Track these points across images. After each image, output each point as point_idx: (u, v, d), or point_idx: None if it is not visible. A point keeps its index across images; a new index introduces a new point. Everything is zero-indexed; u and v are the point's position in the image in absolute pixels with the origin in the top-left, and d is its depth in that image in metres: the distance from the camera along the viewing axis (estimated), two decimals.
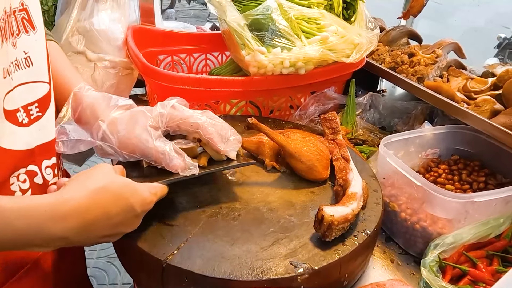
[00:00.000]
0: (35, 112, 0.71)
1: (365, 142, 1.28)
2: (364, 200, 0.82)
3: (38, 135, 0.71)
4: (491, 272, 0.81)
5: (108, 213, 0.64)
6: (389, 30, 1.55)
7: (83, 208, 0.61)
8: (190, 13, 7.27)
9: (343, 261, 0.72)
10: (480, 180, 1.03)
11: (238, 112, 1.26)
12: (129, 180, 0.69)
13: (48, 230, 0.58)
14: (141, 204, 0.68)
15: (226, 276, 0.67)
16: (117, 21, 1.33)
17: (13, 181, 0.68)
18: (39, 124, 0.71)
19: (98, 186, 0.64)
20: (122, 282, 2.33)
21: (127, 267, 0.79)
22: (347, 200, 0.78)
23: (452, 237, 0.81)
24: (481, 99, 1.10)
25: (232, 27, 1.17)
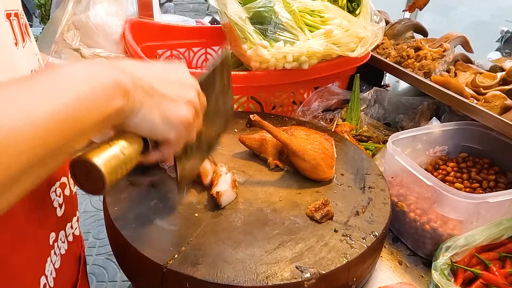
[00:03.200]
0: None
1: (369, 138, 1.25)
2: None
3: None
4: (504, 275, 0.78)
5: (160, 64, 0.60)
6: (394, 23, 1.51)
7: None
8: (189, 6, 7.20)
9: (351, 264, 0.69)
10: (490, 179, 0.99)
11: (240, 108, 1.23)
12: None
13: (117, 65, 0.51)
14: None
15: (229, 281, 0.63)
16: (114, 15, 1.29)
17: (54, 197, 0.65)
18: None
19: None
20: (121, 279, 2.30)
21: (126, 272, 0.76)
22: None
23: (464, 239, 0.78)
24: (491, 94, 1.07)
25: (233, 20, 1.13)
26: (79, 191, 0.63)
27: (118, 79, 0.47)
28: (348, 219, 0.78)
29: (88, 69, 0.47)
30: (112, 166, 0.48)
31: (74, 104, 0.42)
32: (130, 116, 0.51)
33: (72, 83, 0.43)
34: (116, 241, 0.73)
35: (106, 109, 0.46)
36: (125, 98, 0.48)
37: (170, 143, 0.57)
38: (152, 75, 0.54)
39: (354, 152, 1.01)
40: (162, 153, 0.59)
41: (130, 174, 0.83)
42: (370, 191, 0.87)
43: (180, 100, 0.56)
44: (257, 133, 0.96)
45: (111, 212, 0.75)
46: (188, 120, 0.57)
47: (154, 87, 0.53)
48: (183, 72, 0.60)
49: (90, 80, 0.45)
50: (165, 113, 0.54)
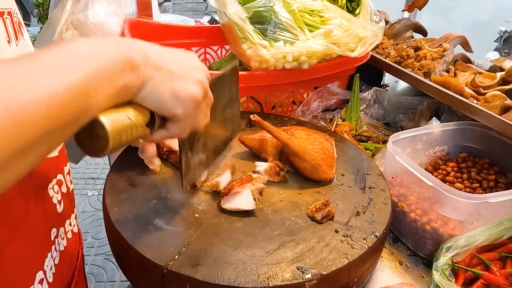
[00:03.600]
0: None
1: (369, 138, 1.25)
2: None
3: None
4: (505, 276, 0.78)
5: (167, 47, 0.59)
6: (393, 23, 1.50)
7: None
8: (187, 6, 7.19)
9: (352, 265, 0.69)
10: (490, 179, 0.99)
11: (239, 108, 1.22)
12: None
13: (126, 41, 0.53)
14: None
15: (230, 282, 0.63)
16: (113, 14, 1.28)
17: (52, 194, 0.65)
18: None
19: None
20: (120, 279, 2.30)
21: (126, 273, 0.76)
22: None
23: (465, 239, 0.78)
24: (491, 94, 1.07)
25: (233, 20, 1.13)
26: (75, 190, 0.63)
27: (128, 54, 0.48)
28: (348, 219, 0.78)
29: (100, 44, 0.47)
30: (117, 127, 0.49)
31: (87, 78, 0.42)
32: (139, 90, 0.51)
33: (86, 57, 0.44)
34: (116, 242, 0.73)
35: (116, 83, 0.46)
36: (135, 72, 0.48)
37: (177, 120, 0.56)
38: (163, 55, 0.54)
39: (354, 152, 1.01)
40: (168, 131, 0.58)
41: (130, 174, 0.84)
42: (370, 191, 0.86)
43: (190, 78, 0.56)
44: (257, 133, 0.95)
45: (111, 213, 0.75)
46: (198, 98, 0.56)
47: (164, 64, 0.53)
48: (192, 57, 0.60)
49: (102, 55, 0.45)
50: (174, 88, 0.54)
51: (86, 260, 2.40)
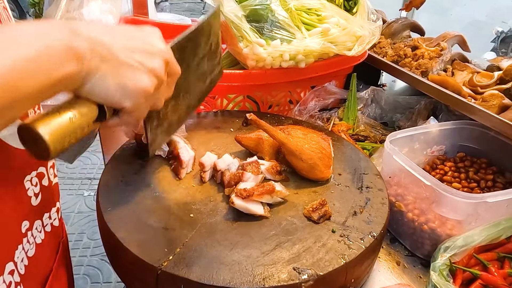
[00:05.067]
0: (37, 110, 0.67)
1: (367, 138, 1.24)
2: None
3: None
4: (503, 276, 0.78)
5: (127, 28, 0.56)
6: (391, 22, 1.50)
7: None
8: (184, 6, 7.18)
9: (349, 266, 0.68)
10: (488, 178, 0.99)
11: (236, 108, 1.21)
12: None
13: (72, 27, 0.47)
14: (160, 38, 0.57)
15: (225, 284, 0.62)
16: (108, 12, 1.27)
17: (28, 186, 0.64)
18: None
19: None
20: (116, 280, 2.28)
21: (120, 274, 0.75)
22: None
23: (463, 239, 0.77)
24: (489, 93, 1.06)
25: (229, 19, 1.12)
26: (61, 185, 0.62)
27: (70, 42, 0.44)
28: (346, 219, 0.77)
29: (38, 29, 0.43)
30: (58, 135, 0.47)
31: (16, 65, 0.39)
32: (84, 81, 0.48)
33: (18, 43, 0.40)
34: (110, 243, 0.72)
35: (54, 74, 0.43)
36: (78, 63, 0.45)
37: (128, 112, 0.54)
38: (113, 39, 0.50)
39: (351, 152, 1.00)
40: (122, 120, 0.55)
41: (123, 174, 0.83)
42: (368, 191, 0.86)
43: (141, 68, 0.52)
44: (254, 133, 0.95)
45: (105, 213, 0.73)
46: (147, 90, 0.53)
47: (113, 52, 0.49)
48: (152, 38, 0.55)
49: (38, 41, 0.42)
50: (122, 80, 0.50)
51: (81, 261, 2.39)
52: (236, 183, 0.79)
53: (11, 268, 0.59)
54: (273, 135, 0.87)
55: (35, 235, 0.67)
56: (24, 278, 0.62)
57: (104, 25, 0.52)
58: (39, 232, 0.68)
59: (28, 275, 0.63)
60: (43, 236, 0.69)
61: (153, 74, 0.53)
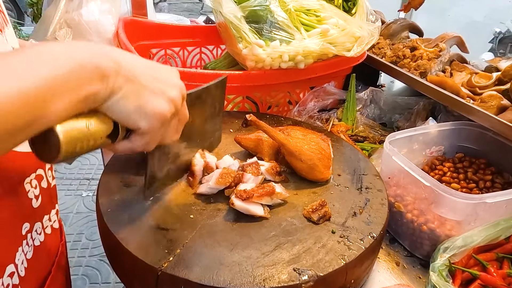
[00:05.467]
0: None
1: (366, 139, 1.24)
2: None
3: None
4: (502, 276, 0.78)
5: (150, 61, 0.59)
6: (389, 23, 1.50)
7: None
8: (182, 6, 7.18)
9: (349, 266, 0.68)
10: (486, 179, 0.99)
11: (235, 108, 1.22)
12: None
13: (100, 48, 0.50)
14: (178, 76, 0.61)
15: (225, 284, 0.62)
16: (107, 13, 1.27)
17: (28, 188, 0.64)
18: None
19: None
20: (115, 281, 2.28)
21: (120, 275, 0.74)
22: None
23: (462, 239, 0.77)
24: (487, 94, 1.07)
25: (228, 19, 1.12)
26: (59, 186, 0.62)
27: (99, 62, 0.46)
28: (345, 220, 0.77)
29: (69, 48, 0.45)
30: (72, 137, 0.47)
31: (46, 82, 0.40)
32: (107, 99, 0.50)
33: (48, 60, 0.42)
34: (110, 244, 0.72)
35: (81, 91, 0.44)
36: (104, 82, 0.47)
37: (141, 134, 0.55)
38: (138, 67, 0.53)
39: (350, 153, 1.00)
40: (132, 143, 0.56)
41: (123, 175, 0.83)
42: (367, 192, 0.86)
43: (161, 94, 0.55)
44: (253, 133, 0.95)
45: (104, 214, 0.73)
46: (165, 115, 0.55)
47: (137, 76, 0.52)
48: (172, 73, 0.59)
49: (68, 59, 0.43)
50: (142, 101, 0.52)
51: (80, 262, 2.39)
52: (236, 184, 0.79)
53: (12, 271, 0.59)
54: (272, 136, 0.87)
55: (34, 237, 0.66)
56: (23, 280, 0.62)
57: (129, 53, 0.54)
58: (39, 234, 0.68)
59: (27, 278, 0.63)
60: (43, 238, 0.69)
61: (172, 102, 0.56)
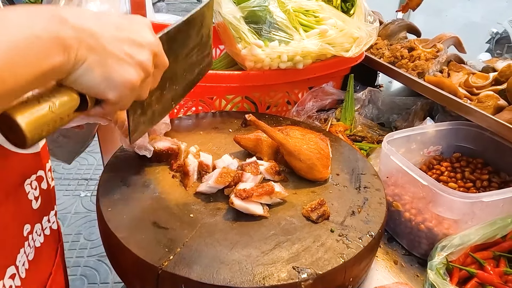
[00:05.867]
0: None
1: (364, 138, 1.25)
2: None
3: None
4: (498, 274, 0.79)
5: (116, 17, 0.54)
6: (387, 24, 1.51)
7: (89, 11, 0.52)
8: (181, 6, 7.17)
9: (348, 265, 0.69)
10: (483, 178, 1.00)
11: (234, 108, 1.22)
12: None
13: (60, 14, 0.45)
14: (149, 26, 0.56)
15: (225, 283, 0.63)
16: None
17: (28, 190, 0.64)
18: None
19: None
20: (113, 281, 2.28)
21: (120, 274, 0.75)
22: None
23: (459, 238, 0.78)
24: (484, 94, 1.08)
25: (227, 20, 1.13)
26: (58, 186, 0.61)
27: (58, 33, 0.43)
28: (344, 219, 0.78)
29: (25, 18, 0.42)
30: (36, 124, 0.46)
31: (3, 57, 0.38)
32: (70, 72, 0.46)
33: (5, 33, 0.39)
34: (110, 243, 0.72)
35: (42, 65, 0.42)
36: (65, 54, 0.44)
37: (111, 103, 0.52)
38: (101, 28, 0.49)
39: (349, 152, 1.01)
40: (104, 110, 0.54)
41: (123, 174, 0.83)
42: (365, 191, 0.87)
43: (129, 60, 0.51)
44: (252, 133, 0.95)
45: (105, 214, 0.74)
46: (133, 83, 0.52)
47: (101, 42, 0.48)
48: (142, 29, 0.54)
49: (26, 32, 0.40)
50: (108, 72, 0.49)
51: (78, 262, 2.39)
52: (235, 184, 0.80)
53: (12, 272, 0.59)
54: (271, 135, 0.87)
55: (35, 239, 0.67)
56: (24, 282, 0.62)
57: (92, 12, 0.51)
58: (39, 236, 0.68)
59: (28, 279, 0.63)
60: (42, 239, 0.69)
61: (141, 67, 0.52)
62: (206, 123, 1.08)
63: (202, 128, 1.05)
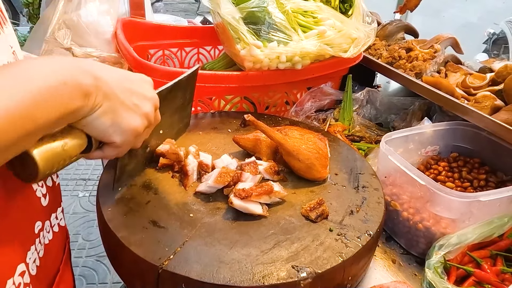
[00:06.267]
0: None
1: (362, 138, 1.26)
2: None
3: None
4: (495, 273, 0.80)
5: (125, 71, 0.61)
6: (385, 25, 1.52)
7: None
8: (179, 6, 7.17)
9: (346, 264, 0.70)
10: (480, 178, 1.01)
11: (233, 109, 1.23)
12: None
13: (79, 64, 0.51)
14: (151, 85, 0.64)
15: (225, 282, 0.63)
16: (106, 14, 1.28)
17: (36, 187, 0.66)
18: None
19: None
20: (112, 281, 2.28)
21: (120, 273, 0.75)
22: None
23: (457, 237, 0.79)
24: (481, 95, 1.08)
25: (227, 20, 1.13)
26: (66, 191, 0.63)
27: (80, 80, 0.48)
28: (343, 218, 0.79)
29: (51, 66, 0.47)
30: (48, 159, 0.50)
31: (32, 101, 0.42)
32: (86, 116, 0.52)
33: (33, 80, 0.43)
34: (110, 243, 0.73)
35: (64, 109, 0.47)
36: (86, 99, 0.49)
37: (114, 147, 0.58)
38: (116, 80, 0.55)
39: (347, 152, 1.02)
40: (105, 153, 0.59)
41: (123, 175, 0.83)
42: (364, 191, 0.87)
43: (136, 110, 0.58)
44: (251, 133, 0.96)
45: (105, 213, 0.74)
46: (138, 131, 0.59)
47: (115, 91, 0.54)
48: (146, 85, 0.62)
49: (52, 78, 0.45)
50: (118, 118, 0.55)
51: (77, 262, 2.38)
52: (235, 183, 0.80)
53: (22, 270, 0.59)
54: (270, 135, 0.88)
55: (45, 236, 0.67)
56: (34, 279, 0.62)
57: (104, 64, 0.57)
58: (48, 233, 0.69)
59: (38, 276, 0.63)
60: (51, 236, 0.70)
61: (145, 117, 0.60)
62: (205, 123, 1.08)
63: (201, 128, 1.05)
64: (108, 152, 0.59)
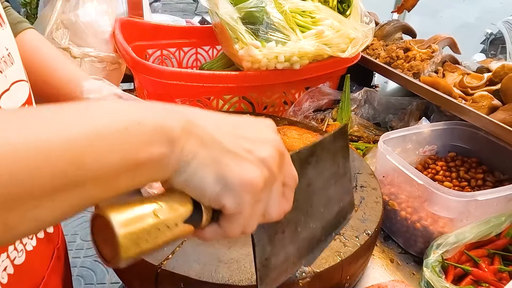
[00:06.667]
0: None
1: (360, 138, 1.26)
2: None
3: None
4: (493, 272, 0.80)
5: (232, 115, 0.45)
6: (383, 25, 1.52)
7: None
8: (177, 6, 7.17)
9: (345, 263, 0.70)
10: (478, 177, 1.01)
11: (231, 108, 1.23)
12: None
13: (164, 105, 0.38)
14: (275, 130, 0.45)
15: (224, 281, 0.63)
16: (104, 13, 1.28)
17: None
18: None
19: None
20: (110, 281, 2.28)
21: (119, 273, 0.75)
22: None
23: (454, 236, 0.79)
24: (479, 94, 1.09)
25: (225, 20, 1.13)
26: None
27: (163, 122, 0.36)
28: None
29: (130, 106, 0.36)
30: (134, 229, 0.34)
31: (84, 138, 0.31)
32: (176, 169, 0.38)
33: (93, 116, 0.33)
34: None
35: (135, 154, 0.34)
36: (170, 145, 0.36)
37: (230, 214, 0.40)
38: (215, 123, 0.41)
39: None
40: (223, 228, 0.41)
41: None
42: (362, 190, 0.87)
43: (248, 156, 0.40)
44: None
45: None
46: (255, 184, 0.39)
47: (215, 137, 0.39)
48: (263, 127, 0.44)
49: (121, 116, 0.34)
50: (223, 170, 0.39)
51: (75, 262, 2.38)
52: None
53: None
54: None
55: (25, 242, 0.64)
56: (7, 287, 0.59)
57: (202, 110, 0.43)
58: (30, 239, 0.66)
59: (12, 284, 0.60)
60: (35, 243, 0.67)
61: (263, 164, 0.41)
62: None
63: None
64: (226, 225, 0.41)
